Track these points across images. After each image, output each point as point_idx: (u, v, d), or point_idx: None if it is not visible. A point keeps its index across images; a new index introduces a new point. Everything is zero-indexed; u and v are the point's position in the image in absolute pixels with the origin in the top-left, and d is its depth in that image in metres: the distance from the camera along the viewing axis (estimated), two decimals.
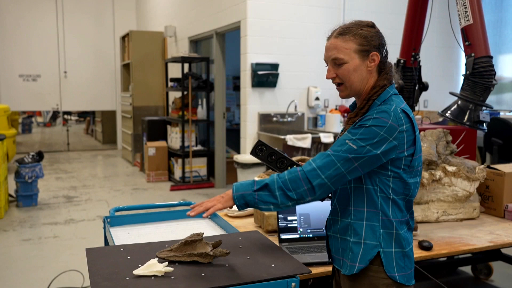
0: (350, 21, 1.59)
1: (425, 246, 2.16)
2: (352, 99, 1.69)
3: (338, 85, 1.60)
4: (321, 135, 5.44)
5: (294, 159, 2.07)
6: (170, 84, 7.65)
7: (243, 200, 1.58)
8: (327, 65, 1.61)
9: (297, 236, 2.22)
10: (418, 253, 2.12)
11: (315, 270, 1.90)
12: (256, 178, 2.58)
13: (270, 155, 1.76)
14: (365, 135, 1.47)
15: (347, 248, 1.60)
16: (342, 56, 1.54)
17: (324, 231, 2.24)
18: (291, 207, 1.57)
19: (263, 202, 1.55)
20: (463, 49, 3.08)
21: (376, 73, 1.58)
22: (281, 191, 1.52)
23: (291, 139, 5.28)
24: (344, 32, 1.55)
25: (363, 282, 1.56)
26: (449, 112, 3.10)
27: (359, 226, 1.56)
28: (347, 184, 1.58)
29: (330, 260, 1.73)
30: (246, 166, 5.44)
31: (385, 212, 1.53)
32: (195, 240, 1.65)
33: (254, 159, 5.43)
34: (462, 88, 3.08)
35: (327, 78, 1.61)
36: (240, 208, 1.61)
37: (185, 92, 7.10)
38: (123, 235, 2.13)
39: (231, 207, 1.63)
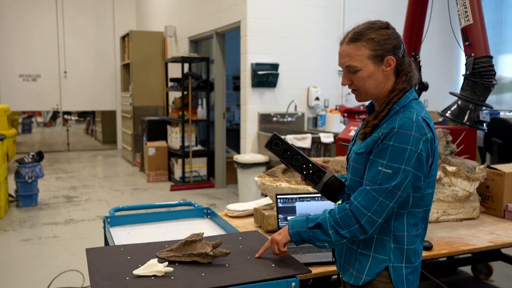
0: (363, 23, 1.52)
1: (425, 246, 2.16)
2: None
3: (354, 90, 1.55)
4: (321, 135, 5.44)
5: (317, 160, 1.99)
6: (170, 84, 7.65)
7: (299, 236, 1.56)
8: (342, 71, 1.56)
9: None
10: None
11: (315, 270, 1.90)
12: (256, 179, 2.59)
13: (285, 151, 1.69)
14: (394, 154, 1.41)
15: (352, 257, 1.56)
16: (355, 64, 1.48)
17: None
18: (346, 242, 1.54)
19: (318, 239, 1.52)
20: (463, 49, 3.08)
21: (394, 76, 1.52)
22: (333, 230, 1.48)
23: (291, 139, 5.28)
24: (356, 37, 1.48)
25: None
26: (449, 112, 3.10)
27: (369, 238, 1.51)
28: None
29: (334, 259, 1.72)
30: (246, 166, 5.44)
31: (398, 227, 1.49)
32: (195, 240, 1.65)
33: (254, 159, 5.43)
34: (462, 88, 3.08)
35: (343, 84, 1.55)
36: (297, 244, 1.59)
37: (185, 92, 7.10)
38: (123, 235, 2.13)
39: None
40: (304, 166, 1.68)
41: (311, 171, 1.68)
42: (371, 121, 1.50)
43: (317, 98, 6.09)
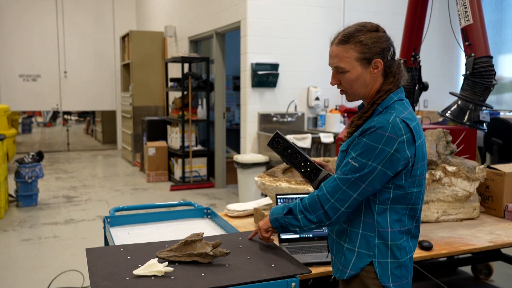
0: (353, 24, 1.56)
1: (425, 246, 2.16)
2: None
3: (342, 91, 1.61)
4: (321, 135, 5.44)
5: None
6: (170, 84, 7.65)
7: (277, 223, 1.67)
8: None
9: (297, 236, 2.21)
10: (418, 253, 2.12)
11: (315, 270, 1.90)
12: (256, 179, 2.59)
13: (286, 148, 1.76)
14: (365, 150, 1.46)
15: (340, 252, 1.60)
16: (343, 65, 1.53)
17: (325, 231, 2.24)
18: (316, 229, 1.61)
19: (290, 225, 1.62)
20: (463, 49, 3.08)
21: (382, 77, 1.55)
22: (302, 214, 1.57)
23: (291, 139, 5.28)
24: (345, 39, 1.53)
25: None
26: (449, 112, 3.10)
27: (354, 234, 1.55)
28: None
29: (328, 255, 1.76)
30: (246, 166, 5.44)
31: (382, 223, 1.52)
32: (195, 240, 1.65)
33: (254, 159, 5.44)
34: (462, 88, 3.08)
35: (331, 84, 1.62)
36: (278, 230, 1.69)
37: (185, 92, 7.10)
38: (123, 235, 2.13)
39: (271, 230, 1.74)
40: (302, 164, 1.74)
41: (308, 169, 1.73)
42: (355, 121, 1.56)
43: (317, 98, 6.09)
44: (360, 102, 1.66)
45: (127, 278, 1.51)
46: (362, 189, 1.48)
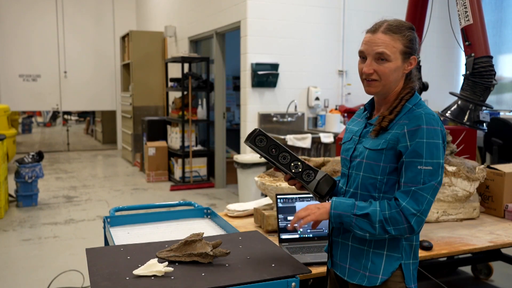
0: (393, 19, 1.55)
1: (425, 246, 2.16)
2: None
3: (372, 80, 1.53)
4: (321, 135, 5.44)
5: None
6: (170, 84, 7.65)
7: (339, 219, 1.51)
8: (363, 58, 1.54)
9: (297, 236, 2.21)
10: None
11: (315, 270, 1.89)
12: (256, 179, 2.58)
13: (271, 147, 1.61)
14: (431, 150, 1.44)
15: (363, 258, 1.55)
16: (389, 53, 1.49)
17: (325, 231, 2.24)
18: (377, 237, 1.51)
19: (359, 228, 1.49)
20: (463, 49, 3.08)
21: (403, 77, 1.57)
22: (380, 224, 1.46)
23: (291, 139, 5.28)
24: (393, 29, 1.51)
25: None
26: (449, 112, 3.10)
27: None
28: (375, 192, 1.54)
29: (329, 260, 1.69)
30: (246, 166, 5.44)
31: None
32: (195, 240, 1.65)
33: (254, 159, 5.43)
34: (462, 88, 3.08)
35: (365, 72, 1.52)
36: (333, 224, 1.55)
37: (185, 92, 7.10)
38: (123, 235, 2.13)
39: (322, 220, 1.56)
40: (292, 164, 1.60)
41: (300, 169, 1.60)
42: (387, 116, 1.52)
43: (317, 98, 6.09)
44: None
45: (127, 278, 1.50)
46: (437, 190, 1.47)
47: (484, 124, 3.03)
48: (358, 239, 1.56)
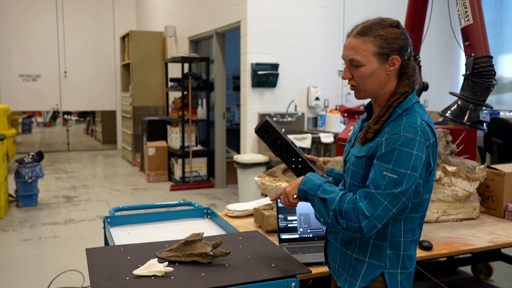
0: (373, 18, 1.48)
1: (425, 246, 2.16)
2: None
3: (353, 86, 1.50)
4: (321, 135, 5.44)
5: (316, 158, 1.91)
6: (170, 84, 7.65)
7: (304, 195, 1.50)
8: (344, 64, 1.50)
9: (297, 236, 2.21)
10: (418, 253, 2.11)
11: (315, 270, 1.90)
12: (256, 179, 2.58)
13: (276, 140, 1.63)
14: (401, 159, 1.36)
15: (347, 263, 1.53)
16: (359, 58, 1.43)
17: (324, 231, 2.24)
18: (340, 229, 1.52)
19: (318, 210, 1.46)
20: (463, 49, 3.08)
21: (396, 78, 1.47)
22: (334, 214, 1.42)
23: (291, 139, 5.28)
24: (364, 31, 1.44)
25: None
26: (449, 112, 3.10)
27: (364, 243, 1.48)
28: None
29: (326, 262, 1.69)
30: (246, 166, 5.44)
31: (395, 232, 1.46)
32: (195, 240, 1.65)
33: (254, 159, 5.43)
34: (462, 88, 3.08)
35: (343, 78, 1.50)
36: (301, 199, 1.53)
37: (185, 92, 7.10)
38: (123, 235, 2.13)
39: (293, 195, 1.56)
40: (293, 159, 1.64)
41: (300, 166, 1.63)
42: (372, 126, 1.45)
43: (317, 98, 6.09)
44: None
45: (127, 278, 1.50)
46: (401, 203, 1.38)
47: (484, 124, 3.03)
48: (344, 242, 1.54)
